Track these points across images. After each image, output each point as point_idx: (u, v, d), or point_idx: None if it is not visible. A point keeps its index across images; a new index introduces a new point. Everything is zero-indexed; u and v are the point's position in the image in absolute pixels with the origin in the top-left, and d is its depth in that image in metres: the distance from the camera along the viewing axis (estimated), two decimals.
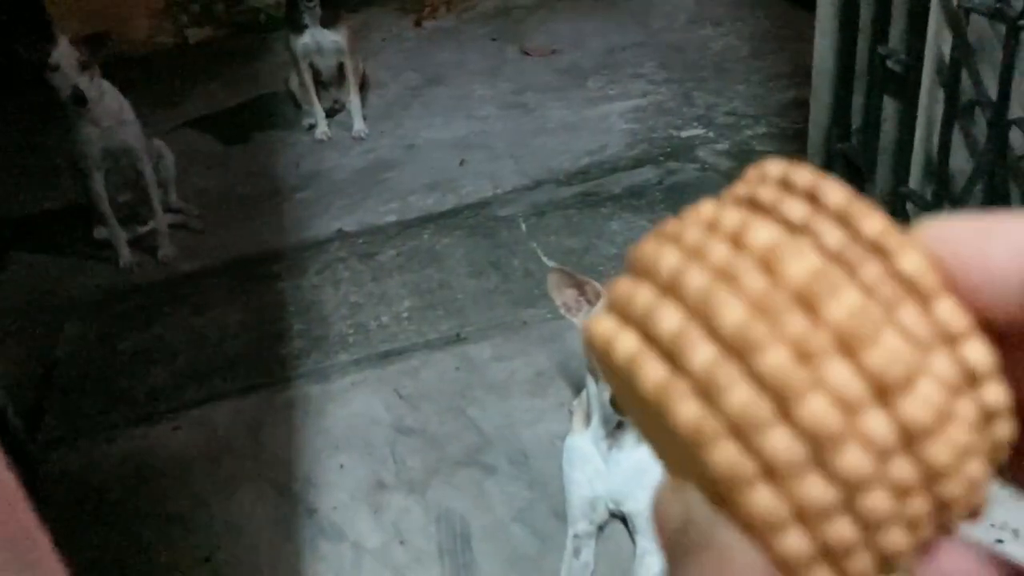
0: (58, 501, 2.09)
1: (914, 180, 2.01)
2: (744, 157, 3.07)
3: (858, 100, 2.10)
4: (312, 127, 3.74)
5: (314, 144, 3.68)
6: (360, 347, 2.46)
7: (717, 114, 3.36)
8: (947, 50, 1.79)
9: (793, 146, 3.02)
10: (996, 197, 1.81)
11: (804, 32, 3.82)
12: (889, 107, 2.01)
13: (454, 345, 2.42)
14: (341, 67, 3.66)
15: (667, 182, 2.98)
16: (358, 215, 3.14)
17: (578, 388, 1.93)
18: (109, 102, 2.87)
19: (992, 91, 1.72)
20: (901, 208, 2.04)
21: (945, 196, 1.92)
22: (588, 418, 1.69)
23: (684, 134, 3.27)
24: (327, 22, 3.51)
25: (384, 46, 4.34)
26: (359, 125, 3.65)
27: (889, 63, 1.95)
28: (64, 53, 2.70)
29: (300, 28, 3.49)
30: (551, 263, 2.64)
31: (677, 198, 2.88)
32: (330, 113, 3.76)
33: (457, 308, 2.55)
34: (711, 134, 3.23)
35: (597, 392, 1.62)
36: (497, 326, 2.46)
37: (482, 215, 3.00)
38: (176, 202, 3.25)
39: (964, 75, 1.78)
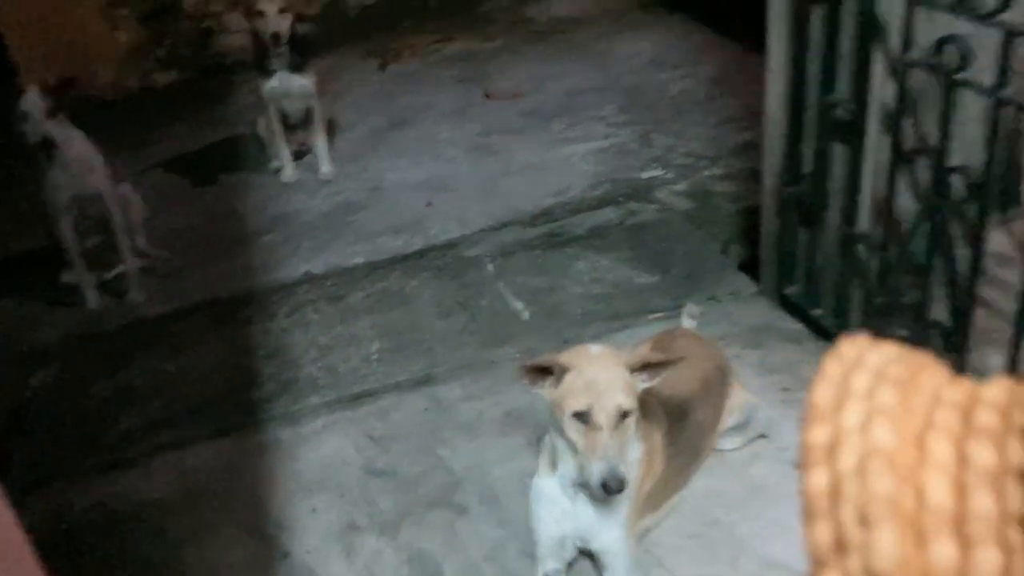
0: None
1: (863, 222, 2.11)
2: (702, 198, 3.17)
3: (808, 145, 2.19)
4: (279, 170, 3.78)
5: (281, 187, 3.72)
6: (330, 389, 2.49)
7: (675, 155, 3.46)
8: (890, 100, 1.89)
9: (748, 187, 3.12)
10: (940, 238, 1.90)
11: (756, 76, 3.95)
12: (837, 152, 2.11)
13: (424, 386, 2.46)
14: (308, 111, 3.71)
15: (628, 222, 3.06)
16: (326, 257, 3.18)
17: (546, 427, 1.97)
18: (77, 148, 2.90)
19: (933, 138, 1.82)
20: (851, 250, 2.13)
21: (892, 237, 2.01)
22: (554, 463, 1.73)
23: (644, 175, 3.37)
24: (295, 67, 3.57)
25: (351, 89, 4.41)
26: (326, 168, 3.71)
27: (836, 112, 2.05)
28: (32, 101, 2.73)
29: (269, 73, 3.55)
30: (519, 305, 2.71)
31: (639, 238, 2.96)
32: (297, 156, 3.80)
33: (426, 349, 2.60)
34: (670, 175, 3.33)
35: (576, 463, 1.65)
36: (466, 366, 2.50)
37: (449, 256, 3.05)
38: (144, 246, 3.27)
39: (907, 123, 1.88)
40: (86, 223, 3.06)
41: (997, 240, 2.05)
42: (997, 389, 0.23)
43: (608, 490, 1.58)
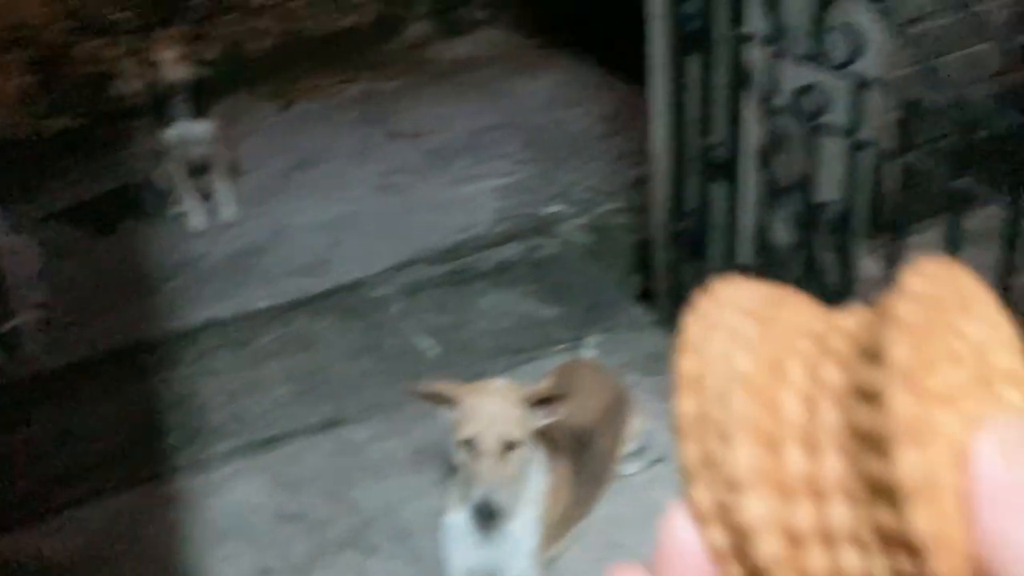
0: None
1: (743, 255, 2.24)
2: (601, 232, 3.29)
3: (691, 184, 2.33)
4: (182, 215, 3.75)
5: (183, 232, 3.69)
6: (239, 436, 2.49)
7: (575, 191, 3.58)
8: (761, 142, 2.04)
9: (643, 220, 3.26)
10: (813, 265, 2.04)
11: (646, 112, 4.14)
12: (717, 190, 2.24)
13: (332, 428, 2.49)
14: (210, 156, 3.70)
15: (532, 257, 3.16)
16: (231, 302, 3.17)
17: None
18: None
19: (801, 176, 1.97)
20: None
21: (770, 267, 2.15)
22: (463, 496, 1.79)
23: (546, 211, 3.48)
24: (195, 113, 3.56)
25: (253, 132, 4.40)
26: (230, 211, 3.69)
27: (714, 152, 2.19)
28: None
29: (166, 121, 3.52)
30: (426, 343, 2.76)
31: (542, 273, 3.06)
32: (201, 201, 3.78)
33: (334, 391, 2.63)
34: (571, 210, 3.45)
35: (470, 487, 1.72)
36: (374, 407, 2.54)
37: (356, 297, 3.09)
38: (40, 298, 3.21)
39: (778, 162, 2.03)
40: None
41: (867, 265, 2.21)
42: (850, 317, 0.25)
43: (483, 515, 1.65)
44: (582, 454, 1.98)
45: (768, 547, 0.24)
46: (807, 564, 0.23)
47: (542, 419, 1.77)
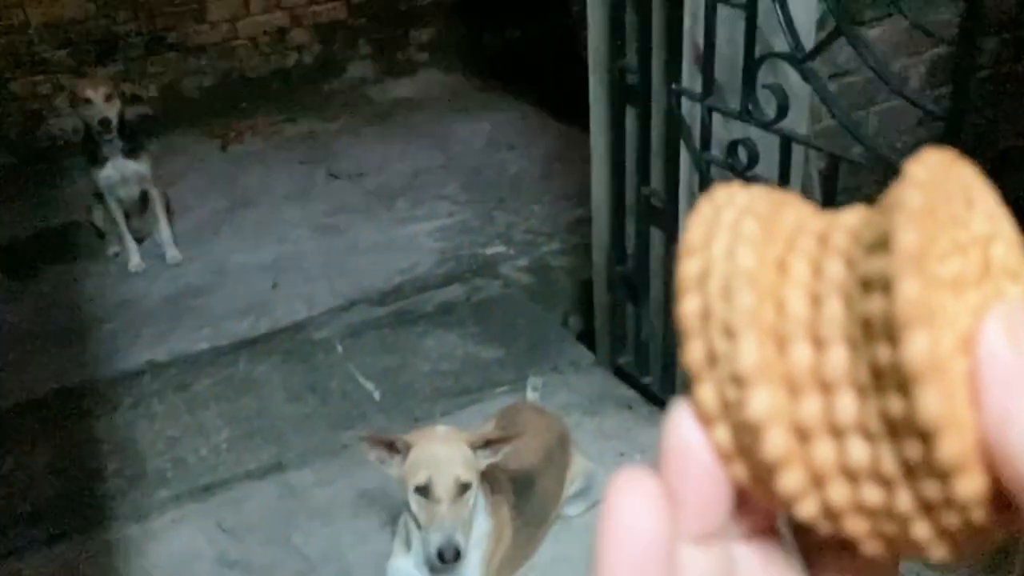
0: None
1: None
2: (542, 272, 3.35)
3: (631, 228, 2.40)
4: (117, 255, 3.71)
5: (119, 273, 3.64)
6: (179, 482, 2.46)
7: (516, 232, 3.64)
8: (696, 191, 2.12)
9: (583, 261, 3.33)
10: None
11: (585, 154, 4.23)
12: (656, 236, 2.32)
13: (275, 473, 2.47)
14: (146, 195, 3.66)
15: (474, 298, 3.20)
16: (169, 344, 3.14)
17: (401, 508, 2.04)
18: None
19: None
20: (672, 323, 2.33)
21: None
22: (408, 543, 1.81)
23: (488, 252, 3.52)
24: (128, 152, 3.52)
25: (190, 170, 4.37)
26: (171, 252, 3.65)
27: (652, 200, 2.26)
28: None
29: (100, 160, 3.48)
30: (369, 385, 2.77)
31: (484, 314, 3.09)
32: (138, 242, 3.73)
33: (276, 435, 2.61)
34: (512, 251, 3.50)
35: (420, 537, 1.75)
36: (317, 450, 2.54)
37: (297, 339, 3.08)
38: None
39: None
40: None
41: None
42: (851, 214, 0.25)
43: (444, 559, 1.68)
44: (525, 496, 2.02)
45: (775, 442, 0.23)
46: (814, 458, 0.23)
47: (487, 460, 1.81)
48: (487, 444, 1.81)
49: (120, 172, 3.51)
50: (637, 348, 2.54)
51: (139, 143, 3.56)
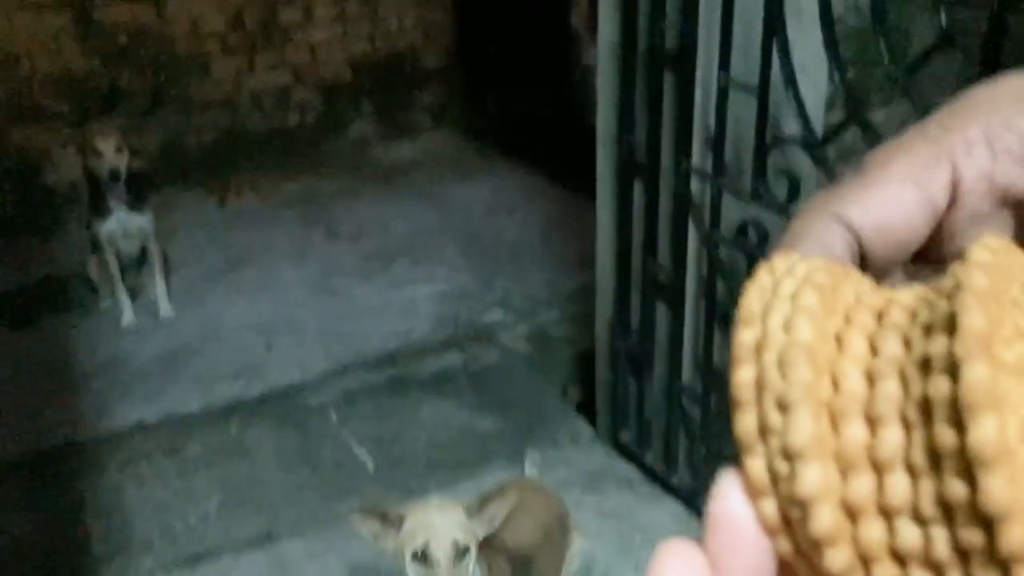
0: None
1: (686, 375, 2.29)
2: (541, 341, 3.32)
3: (636, 303, 2.38)
4: (110, 311, 3.66)
5: (111, 328, 3.59)
6: (166, 550, 2.39)
7: (515, 299, 3.62)
8: (704, 269, 2.11)
9: (584, 330, 3.30)
10: None
11: (586, 221, 4.23)
12: (661, 311, 2.30)
13: (265, 544, 2.40)
14: (145, 250, 3.63)
15: (472, 367, 3.16)
16: (160, 404, 3.08)
17: None
18: None
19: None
20: (677, 401, 2.31)
21: (713, 389, 2.19)
22: None
23: (486, 318, 3.50)
24: (133, 205, 3.51)
25: (187, 226, 4.36)
26: (165, 308, 3.61)
27: (658, 275, 2.25)
28: None
29: (105, 212, 3.46)
30: (363, 454, 2.72)
31: (482, 383, 3.05)
32: (132, 297, 3.69)
33: (267, 504, 2.55)
34: (510, 318, 3.48)
35: None
36: (309, 521, 2.47)
37: (291, 403, 3.03)
38: None
39: (720, 289, 2.09)
40: None
41: None
42: (908, 293, 0.25)
43: None
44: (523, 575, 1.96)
45: (824, 519, 0.23)
46: (863, 537, 0.23)
47: (483, 530, 1.77)
48: (483, 507, 1.77)
49: (123, 225, 3.49)
50: (639, 424, 2.50)
51: (143, 197, 3.54)
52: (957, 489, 0.22)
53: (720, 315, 2.10)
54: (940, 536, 0.22)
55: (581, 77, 5.30)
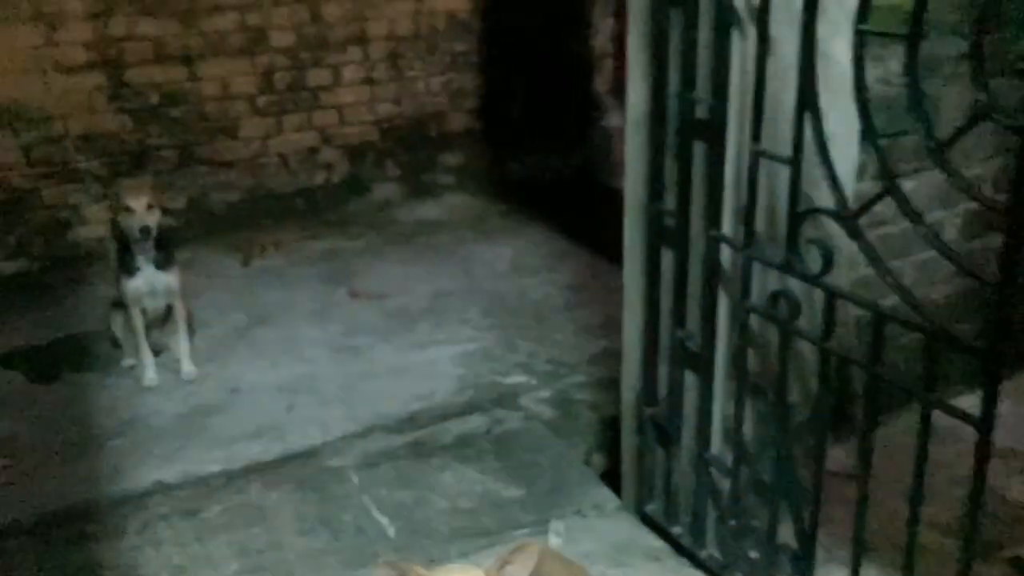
0: None
1: (715, 446, 2.24)
2: (565, 406, 3.28)
3: (664, 371, 2.35)
4: (132, 368, 3.66)
5: (132, 387, 3.58)
6: None
7: (538, 362, 3.59)
8: (734, 338, 2.08)
9: (608, 395, 3.27)
10: (784, 462, 2.05)
11: (609, 284, 4.22)
12: (690, 380, 2.27)
13: None
14: (169, 308, 3.64)
15: (495, 431, 3.12)
16: (180, 465, 3.05)
17: None
18: None
19: (774, 376, 2.00)
20: (706, 472, 2.26)
21: (742, 461, 2.15)
22: None
23: (509, 381, 3.47)
24: (160, 263, 3.52)
25: (210, 285, 4.37)
26: (188, 368, 3.61)
27: (687, 344, 2.22)
28: None
29: (133, 271, 3.47)
30: (384, 520, 2.67)
31: (505, 448, 3.01)
32: (153, 355, 3.68)
33: (286, 570, 2.50)
34: (534, 381, 3.44)
35: None
36: None
37: (311, 466, 3.00)
38: None
39: (750, 360, 2.06)
40: None
41: (836, 457, 2.23)
42: None
43: None
44: None
45: None
46: None
47: None
48: (502, 568, 1.73)
49: (150, 284, 3.50)
50: (666, 495, 2.45)
51: (171, 255, 3.56)
52: None
53: (751, 386, 2.06)
54: None
55: (604, 141, 5.35)
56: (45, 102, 4.44)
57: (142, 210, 3.39)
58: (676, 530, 2.45)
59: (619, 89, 5.11)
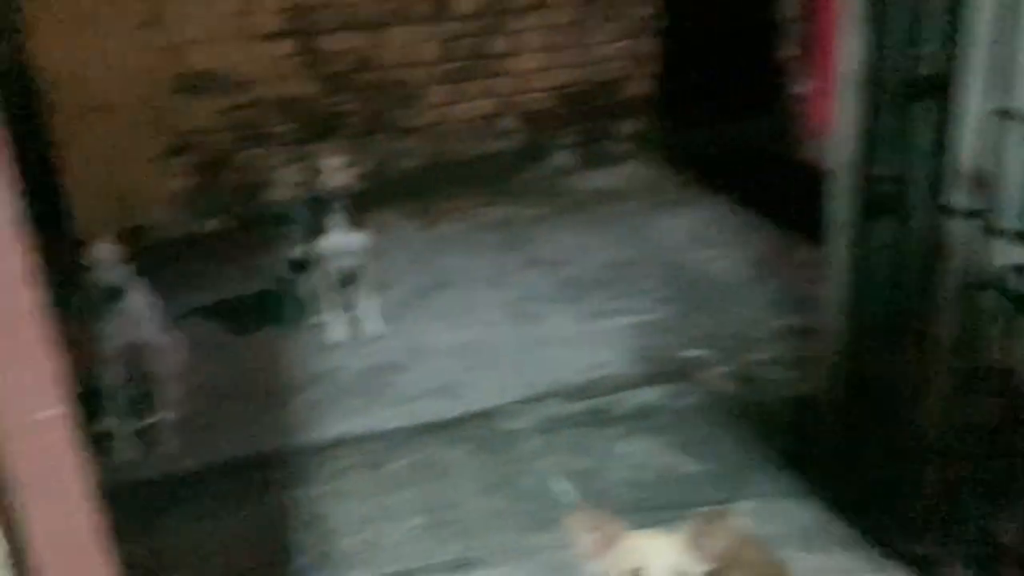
0: None
1: (930, 433, 2.07)
2: (748, 383, 3.15)
3: (871, 352, 2.19)
4: (321, 324, 3.80)
5: (319, 342, 3.72)
6: (367, 566, 2.42)
7: (718, 336, 3.47)
8: (959, 317, 1.90)
9: (796, 375, 3.11)
10: (1013, 456, 1.86)
11: (796, 258, 4.02)
12: (902, 364, 2.10)
13: (462, 570, 2.38)
14: (358, 268, 3.75)
15: (674, 405, 3.04)
16: (364, 419, 3.15)
17: None
18: (138, 297, 2.94)
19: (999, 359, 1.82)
20: (915, 461, 2.09)
21: (961, 452, 1.97)
22: None
23: (687, 354, 3.37)
24: (351, 224, 3.63)
25: (392, 248, 4.47)
26: (373, 326, 3.72)
27: (906, 323, 2.06)
28: (102, 250, 2.79)
29: (326, 231, 3.60)
30: (562, 487, 2.65)
31: (685, 422, 2.93)
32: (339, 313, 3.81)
33: (465, 529, 2.53)
34: (714, 356, 3.33)
35: None
36: (507, 551, 2.43)
37: (489, 427, 3.02)
38: (179, 396, 3.25)
39: (975, 342, 1.89)
40: (130, 369, 3.06)
41: None
42: None
43: None
44: None
45: None
46: None
47: (702, 564, 1.66)
48: (700, 536, 1.67)
49: (341, 244, 3.62)
50: (863, 482, 2.30)
51: (362, 216, 3.66)
52: None
53: (975, 370, 1.89)
54: None
55: (791, 109, 5.08)
56: (242, 68, 4.65)
57: (335, 170, 3.50)
58: (871, 518, 2.30)
59: (808, 55, 4.83)
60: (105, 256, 2.79)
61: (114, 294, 2.81)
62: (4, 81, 4.18)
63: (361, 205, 4.06)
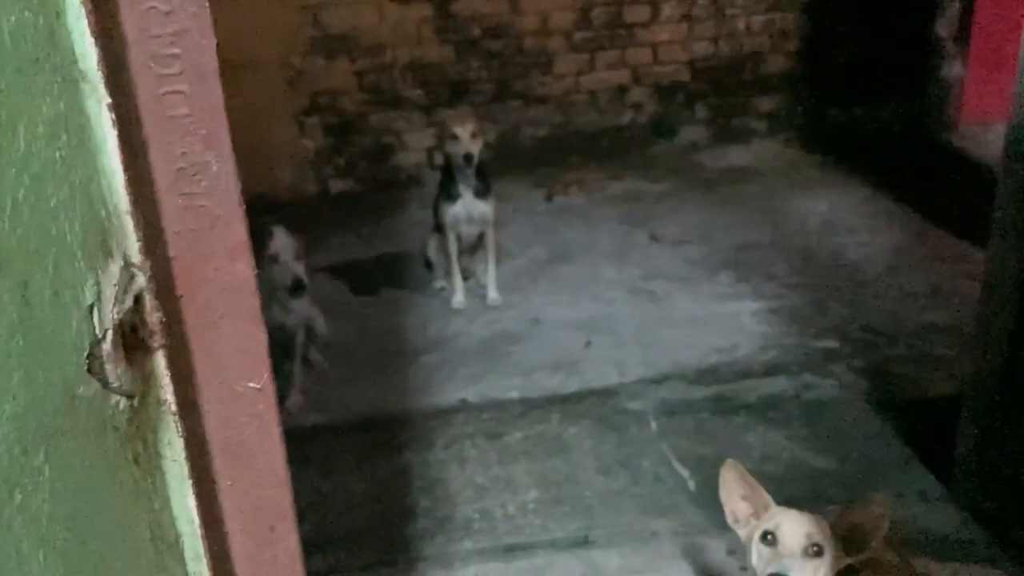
0: None
1: None
2: (883, 378, 3.01)
3: None
4: (443, 290, 3.84)
5: (441, 308, 3.76)
6: (484, 536, 2.43)
7: (852, 328, 3.33)
8: None
9: (935, 373, 2.96)
10: None
11: (939, 250, 3.82)
12: None
13: (580, 548, 2.37)
14: (482, 236, 3.77)
15: (803, 397, 2.93)
16: (482, 387, 3.16)
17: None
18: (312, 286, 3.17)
19: None
20: None
21: None
22: None
23: (819, 344, 3.24)
24: (478, 191, 3.64)
25: (514, 218, 4.47)
26: (493, 295, 3.73)
27: None
28: (282, 243, 2.90)
29: (454, 197, 3.62)
30: (684, 472, 2.60)
31: (815, 416, 2.82)
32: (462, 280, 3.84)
33: (584, 507, 2.51)
34: (847, 348, 3.19)
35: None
36: (625, 533, 2.40)
37: (609, 405, 2.99)
38: (313, 354, 3.34)
39: None
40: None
41: None
42: None
43: None
44: None
45: None
46: None
47: (838, 548, 1.63)
48: (846, 524, 1.65)
49: (468, 210, 3.64)
50: (1003, 493, 2.16)
51: (488, 185, 3.67)
52: None
53: None
54: None
55: (942, 92, 4.80)
56: (378, 31, 4.70)
57: (467, 138, 3.51)
58: (1015, 533, 2.16)
59: (965, 34, 4.55)
60: (283, 248, 2.93)
61: (298, 285, 2.93)
62: None
63: (488, 173, 4.07)
